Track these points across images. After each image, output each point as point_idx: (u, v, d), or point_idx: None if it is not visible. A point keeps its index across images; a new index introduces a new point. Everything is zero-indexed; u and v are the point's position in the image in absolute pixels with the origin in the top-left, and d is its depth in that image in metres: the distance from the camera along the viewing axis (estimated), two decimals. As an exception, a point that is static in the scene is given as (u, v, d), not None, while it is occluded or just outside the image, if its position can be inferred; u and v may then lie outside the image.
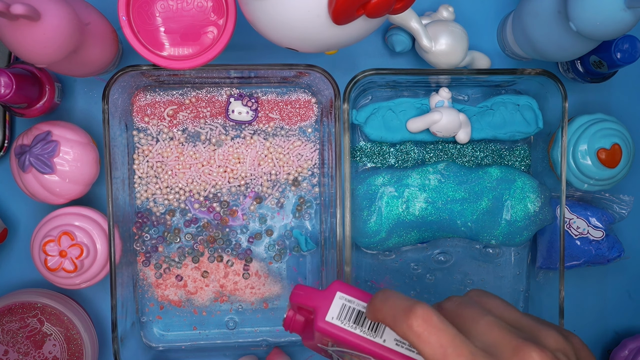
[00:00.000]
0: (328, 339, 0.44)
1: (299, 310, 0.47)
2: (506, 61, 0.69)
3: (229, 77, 0.63)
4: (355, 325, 0.43)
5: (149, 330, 0.67)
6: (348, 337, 0.43)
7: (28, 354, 0.62)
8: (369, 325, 0.43)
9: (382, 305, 0.41)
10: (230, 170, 0.66)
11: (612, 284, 0.72)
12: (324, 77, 0.60)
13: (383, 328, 0.43)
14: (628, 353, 0.68)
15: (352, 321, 0.43)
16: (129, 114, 0.65)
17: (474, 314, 0.41)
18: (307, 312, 0.47)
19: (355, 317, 0.43)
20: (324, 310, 0.44)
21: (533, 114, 0.66)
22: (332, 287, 0.45)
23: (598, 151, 0.63)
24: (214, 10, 0.51)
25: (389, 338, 0.43)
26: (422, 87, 0.66)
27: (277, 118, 0.66)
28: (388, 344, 0.42)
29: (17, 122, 0.65)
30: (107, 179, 0.59)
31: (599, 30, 0.51)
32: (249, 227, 0.67)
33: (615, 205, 0.68)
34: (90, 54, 0.53)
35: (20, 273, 0.66)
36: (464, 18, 0.66)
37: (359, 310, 0.44)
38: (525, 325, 0.41)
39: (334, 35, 0.46)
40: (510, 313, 0.42)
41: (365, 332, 0.43)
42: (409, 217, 0.63)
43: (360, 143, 0.66)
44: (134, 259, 0.66)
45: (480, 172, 0.64)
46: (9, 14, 0.42)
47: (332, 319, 0.43)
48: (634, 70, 0.69)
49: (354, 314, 0.44)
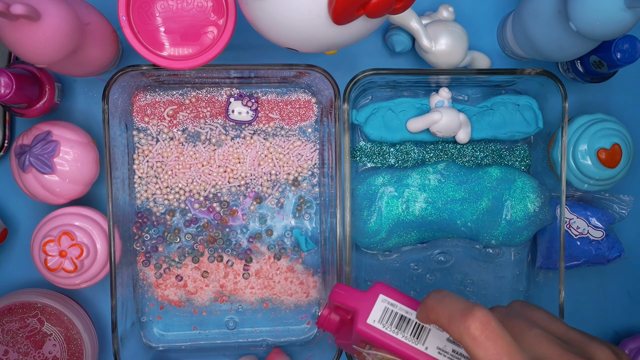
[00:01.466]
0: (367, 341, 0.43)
1: (336, 309, 0.46)
2: (506, 61, 0.69)
3: (229, 77, 0.63)
4: (397, 330, 0.42)
5: (149, 330, 0.67)
6: (389, 341, 0.42)
7: (28, 354, 0.62)
8: (411, 331, 0.42)
9: (437, 305, 0.39)
10: (230, 170, 0.66)
11: (612, 284, 0.72)
12: (324, 77, 0.60)
13: (426, 335, 0.42)
14: (628, 353, 0.68)
15: (395, 326, 0.42)
16: (129, 114, 0.65)
17: (522, 325, 0.40)
18: (344, 312, 0.46)
19: (398, 322, 0.42)
20: (365, 313, 0.43)
21: (533, 114, 0.66)
22: (374, 288, 0.44)
23: (598, 151, 0.63)
24: (214, 10, 0.51)
25: (431, 345, 0.42)
26: (422, 87, 0.66)
27: (277, 118, 0.66)
28: (430, 351, 0.41)
29: (17, 122, 0.65)
30: (107, 179, 0.59)
31: (599, 30, 0.51)
32: (249, 227, 0.67)
33: (615, 205, 0.68)
34: (90, 54, 0.53)
35: (20, 273, 0.66)
36: (464, 18, 0.66)
37: (401, 315, 0.43)
38: (573, 339, 0.40)
39: (334, 35, 0.46)
40: (557, 326, 0.41)
41: (407, 338, 0.42)
42: (409, 217, 0.63)
43: (360, 143, 0.66)
44: (134, 259, 0.66)
45: (480, 172, 0.64)
46: (9, 14, 0.42)
47: (373, 322, 0.42)
48: (634, 70, 0.69)
49: (396, 318, 0.42)
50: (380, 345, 0.42)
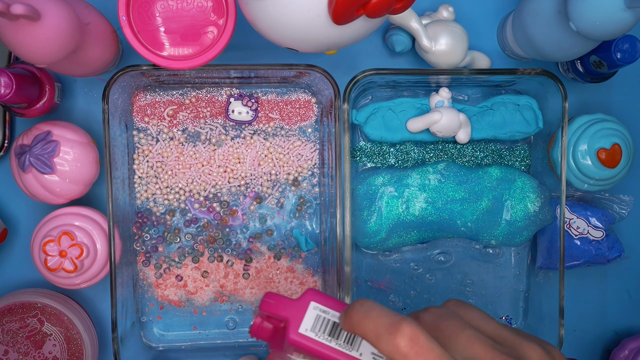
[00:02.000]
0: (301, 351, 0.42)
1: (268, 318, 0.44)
2: (506, 61, 0.69)
3: (229, 77, 0.63)
4: (330, 337, 0.41)
5: (149, 330, 0.67)
6: (323, 350, 0.40)
7: (28, 354, 0.62)
8: (344, 338, 0.41)
9: (363, 320, 0.38)
10: (230, 170, 0.66)
11: (612, 284, 0.72)
12: (324, 77, 0.60)
13: (360, 341, 0.41)
14: (628, 353, 0.68)
15: (327, 333, 0.41)
16: (129, 114, 0.65)
17: (454, 327, 0.39)
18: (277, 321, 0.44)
19: (331, 329, 0.41)
20: (297, 322, 0.41)
21: (533, 114, 0.66)
22: (305, 296, 0.42)
23: (598, 151, 0.63)
24: (214, 10, 0.51)
25: (365, 352, 0.40)
26: (422, 87, 0.66)
27: (277, 118, 0.66)
28: (364, 357, 0.40)
29: (17, 122, 0.65)
30: (107, 179, 0.59)
31: (599, 30, 0.51)
32: (249, 227, 0.67)
33: (615, 205, 0.68)
34: (90, 54, 0.53)
35: (20, 273, 0.66)
36: (464, 18, 0.66)
37: (334, 322, 0.41)
38: (506, 338, 0.40)
39: (334, 35, 0.46)
40: (490, 326, 0.41)
41: (341, 345, 0.40)
42: (409, 217, 0.63)
43: (360, 143, 0.66)
44: (134, 259, 0.66)
45: (480, 172, 0.64)
46: (9, 14, 0.42)
47: (305, 331, 0.41)
48: (634, 70, 0.69)
49: (329, 325, 0.41)
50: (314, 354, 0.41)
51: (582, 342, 0.72)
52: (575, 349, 0.72)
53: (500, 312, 0.70)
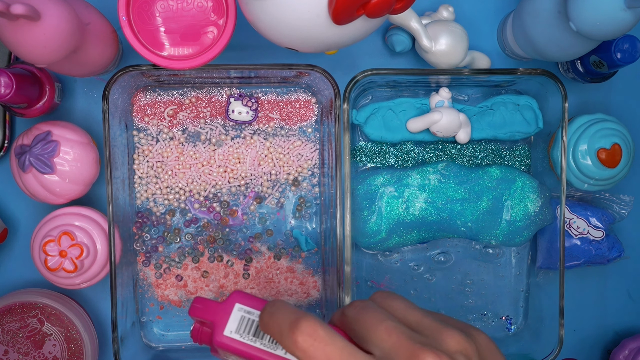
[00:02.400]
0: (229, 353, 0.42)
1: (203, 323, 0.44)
2: (506, 61, 0.69)
3: (229, 77, 0.63)
4: (255, 338, 0.41)
5: (149, 330, 0.67)
6: (248, 350, 0.41)
7: (28, 354, 0.62)
8: (269, 338, 0.41)
9: (270, 319, 0.38)
10: (230, 170, 0.66)
11: (612, 284, 0.72)
12: (324, 77, 0.60)
13: None
14: (628, 353, 0.68)
15: (252, 334, 0.41)
16: (129, 114, 0.65)
17: (374, 319, 0.38)
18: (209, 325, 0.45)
19: (255, 330, 0.41)
20: (222, 324, 0.41)
21: (533, 114, 0.66)
22: (230, 298, 0.42)
23: (598, 151, 0.63)
24: (214, 10, 0.51)
25: None
26: (422, 87, 0.66)
27: (277, 118, 0.66)
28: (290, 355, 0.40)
29: (17, 122, 0.65)
30: (107, 179, 0.59)
31: (599, 30, 0.51)
32: (249, 227, 0.67)
33: (615, 205, 0.68)
34: (90, 54, 0.53)
35: (20, 273, 0.66)
36: (464, 18, 0.66)
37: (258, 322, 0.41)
38: (427, 327, 0.38)
39: (334, 35, 0.46)
40: (413, 315, 0.40)
41: (266, 345, 0.41)
42: (409, 217, 0.63)
43: (360, 143, 0.66)
44: (134, 259, 0.66)
45: (480, 172, 0.64)
46: (9, 14, 0.42)
47: (230, 333, 0.41)
48: (634, 70, 0.69)
49: (253, 326, 0.41)
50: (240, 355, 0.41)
51: (582, 342, 0.72)
52: (575, 349, 0.72)
53: (500, 312, 0.70)
